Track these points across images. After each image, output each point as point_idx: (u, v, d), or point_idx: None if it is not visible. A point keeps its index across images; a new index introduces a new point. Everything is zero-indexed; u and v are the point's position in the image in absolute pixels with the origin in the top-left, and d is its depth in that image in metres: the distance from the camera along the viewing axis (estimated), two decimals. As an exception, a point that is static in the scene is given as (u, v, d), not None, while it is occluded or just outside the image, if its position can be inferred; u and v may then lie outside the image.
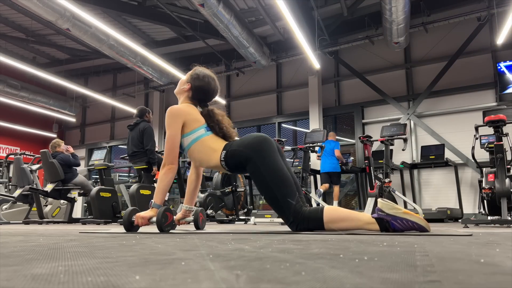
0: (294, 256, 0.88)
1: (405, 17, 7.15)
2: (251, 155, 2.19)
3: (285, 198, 2.14)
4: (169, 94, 12.32)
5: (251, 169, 2.20)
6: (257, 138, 2.27)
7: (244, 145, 2.23)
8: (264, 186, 2.18)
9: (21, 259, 0.83)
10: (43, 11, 7.02)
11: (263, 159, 2.18)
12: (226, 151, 2.26)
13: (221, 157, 2.27)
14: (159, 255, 0.89)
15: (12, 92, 11.08)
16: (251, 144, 2.22)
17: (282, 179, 2.17)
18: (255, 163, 2.18)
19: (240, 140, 2.30)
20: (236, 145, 2.26)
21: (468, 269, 0.67)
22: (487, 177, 3.99)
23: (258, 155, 2.18)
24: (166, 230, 2.18)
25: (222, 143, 2.34)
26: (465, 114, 8.22)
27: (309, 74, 9.71)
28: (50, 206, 7.17)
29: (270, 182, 2.15)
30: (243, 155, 2.21)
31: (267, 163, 2.17)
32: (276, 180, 2.15)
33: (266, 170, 2.16)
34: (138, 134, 5.53)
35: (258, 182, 2.20)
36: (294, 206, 2.13)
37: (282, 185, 2.16)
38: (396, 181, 7.52)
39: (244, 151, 2.21)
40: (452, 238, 1.51)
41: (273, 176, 2.15)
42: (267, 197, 2.21)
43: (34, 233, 2.19)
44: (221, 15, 7.14)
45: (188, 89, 2.50)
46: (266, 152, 2.20)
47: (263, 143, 2.23)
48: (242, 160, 2.22)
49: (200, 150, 2.33)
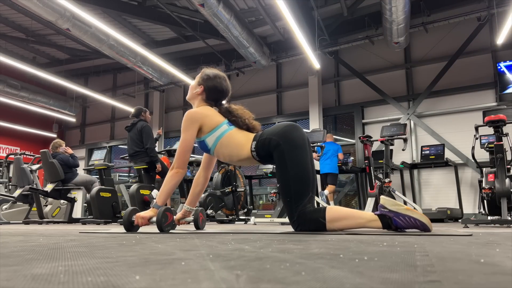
0: (294, 256, 0.88)
1: (405, 17, 7.14)
2: (279, 143, 2.18)
3: (298, 194, 2.14)
4: (169, 94, 12.32)
5: (276, 156, 2.20)
6: (288, 126, 2.27)
7: (275, 133, 2.23)
8: (283, 176, 2.18)
9: (21, 259, 0.83)
10: (43, 11, 7.02)
11: (291, 149, 2.18)
12: (257, 141, 2.26)
13: (251, 147, 2.26)
14: (159, 255, 0.89)
15: (12, 92, 11.08)
16: (282, 132, 2.22)
17: (302, 175, 2.17)
18: (282, 151, 2.17)
19: (271, 129, 2.29)
20: (266, 134, 2.26)
21: (468, 269, 0.67)
22: (487, 177, 3.99)
23: (287, 144, 2.18)
24: (166, 230, 2.18)
25: (250, 135, 2.34)
26: (465, 114, 8.21)
27: (309, 74, 9.71)
28: (50, 206, 7.17)
29: (290, 174, 2.15)
30: (273, 143, 2.20)
31: (293, 155, 2.17)
32: (296, 174, 2.15)
33: (290, 161, 2.16)
34: (136, 134, 5.54)
35: (279, 170, 2.20)
36: (302, 205, 2.13)
37: (300, 180, 2.16)
38: (396, 181, 7.52)
39: (274, 139, 2.20)
40: (452, 238, 1.51)
41: (295, 169, 2.16)
42: (281, 187, 2.21)
43: (34, 233, 2.19)
44: (221, 15, 7.14)
45: (201, 91, 2.47)
46: (295, 142, 2.20)
47: (293, 132, 2.23)
48: (271, 148, 2.21)
49: (228, 145, 2.31)
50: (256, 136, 2.31)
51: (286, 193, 2.17)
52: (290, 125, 2.28)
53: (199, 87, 2.48)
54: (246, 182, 7.57)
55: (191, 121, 2.30)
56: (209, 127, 2.31)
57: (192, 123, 2.30)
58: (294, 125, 2.30)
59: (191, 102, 2.55)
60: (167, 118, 12.30)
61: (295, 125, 2.30)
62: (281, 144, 2.18)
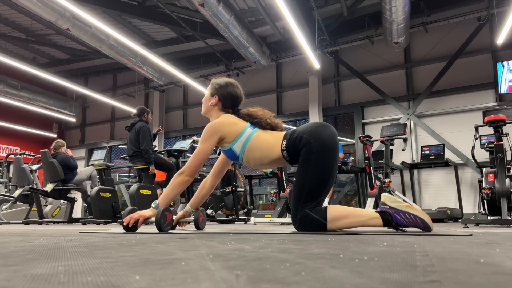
0: (294, 256, 0.88)
1: (405, 17, 7.15)
2: (310, 141, 2.14)
3: (310, 196, 2.12)
4: (169, 94, 12.32)
5: (304, 153, 2.15)
6: (320, 125, 2.24)
7: (307, 131, 2.18)
8: (303, 174, 2.15)
9: (21, 259, 0.83)
10: (43, 11, 7.02)
11: (320, 149, 2.14)
12: (287, 140, 2.22)
13: (282, 146, 2.22)
14: (159, 255, 0.89)
15: (12, 92, 11.08)
16: (314, 131, 2.18)
17: (323, 178, 2.14)
18: (311, 149, 2.13)
19: (302, 127, 2.25)
20: (297, 132, 2.22)
21: (468, 269, 0.67)
22: (487, 177, 3.99)
23: (317, 144, 2.14)
24: (166, 230, 2.18)
25: (277, 134, 2.30)
26: (465, 114, 8.21)
27: (309, 74, 9.71)
28: (50, 206, 7.17)
29: (310, 174, 2.12)
30: (304, 141, 2.16)
31: (321, 156, 2.14)
32: (317, 176, 2.13)
33: (316, 162, 2.13)
34: (135, 134, 5.54)
35: (301, 167, 2.17)
36: (309, 207, 2.11)
37: (318, 183, 2.13)
38: (396, 181, 7.52)
39: (305, 137, 2.16)
40: (452, 238, 1.51)
41: (318, 170, 2.13)
42: (296, 184, 2.18)
43: (34, 233, 2.19)
44: (221, 15, 7.14)
45: (217, 101, 2.41)
46: (326, 143, 2.16)
47: (325, 131, 2.20)
48: (302, 145, 2.17)
49: (257, 147, 2.25)
50: (286, 134, 2.27)
51: (299, 192, 2.15)
52: (322, 124, 2.26)
53: (213, 98, 2.42)
54: (246, 182, 7.56)
55: (211, 132, 2.25)
56: (233, 135, 2.26)
57: (212, 134, 2.24)
58: (326, 124, 2.27)
59: (208, 116, 2.47)
60: (167, 118, 12.31)
61: (327, 124, 2.28)
62: (312, 143, 2.14)
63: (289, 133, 2.25)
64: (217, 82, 2.47)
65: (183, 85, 11.77)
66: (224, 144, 2.30)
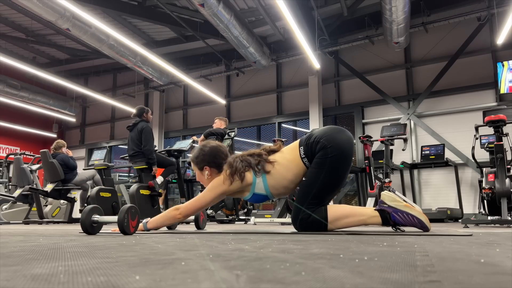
0: (294, 256, 0.88)
1: (405, 17, 7.14)
2: (327, 146, 2.12)
3: (316, 199, 2.11)
4: (169, 94, 12.32)
5: (319, 156, 2.12)
6: (339, 131, 2.21)
7: (325, 137, 2.15)
8: (313, 177, 2.13)
9: (21, 259, 0.83)
10: (43, 11, 7.01)
11: (336, 154, 2.11)
12: (304, 145, 2.19)
13: (301, 155, 2.18)
14: (159, 255, 0.89)
15: (12, 92, 11.08)
16: (332, 136, 2.15)
17: (334, 183, 2.14)
18: (327, 154, 2.11)
19: (321, 131, 2.22)
20: (315, 136, 2.18)
21: (468, 269, 0.67)
22: (487, 177, 3.99)
23: (334, 148, 2.12)
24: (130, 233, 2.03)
25: (290, 147, 2.28)
26: (465, 114, 8.21)
27: (309, 74, 9.71)
28: (50, 206, 7.17)
29: (321, 178, 2.10)
30: (321, 145, 2.13)
31: (336, 161, 2.12)
32: (328, 181, 2.11)
33: (330, 166, 2.11)
34: (137, 134, 5.53)
35: (313, 170, 2.14)
36: (312, 209, 2.10)
37: (327, 188, 2.12)
38: (396, 181, 7.52)
39: (322, 142, 2.13)
40: (452, 238, 1.51)
41: (330, 176, 2.11)
42: (304, 185, 2.16)
43: (34, 233, 2.19)
44: (221, 15, 7.14)
45: (210, 171, 2.30)
46: (342, 149, 2.14)
47: (341, 136, 2.18)
48: (318, 149, 2.14)
49: (280, 175, 2.17)
50: (301, 141, 2.24)
51: (306, 193, 2.13)
52: (339, 129, 2.24)
53: (205, 169, 2.31)
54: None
55: (219, 190, 2.17)
56: (247, 185, 2.17)
57: (220, 192, 2.18)
58: (343, 129, 2.25)
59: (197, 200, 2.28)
60: (167, 118, 12.31)
61: (344, 130, 2.26)
62: (328, 148, 2.11)
63: (305, 139, 2.22)
64: (195, 156, 2.35)
65: (183, 85, 11.77)
66: (245, 194, 2.23)
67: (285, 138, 7.73)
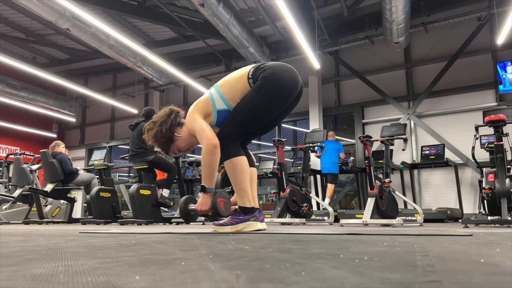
0: (294, 256, 0.88)
1: (405, 17, 7.14)
2: (269, 78, 2.23)
3: (239, 127, 2.23)
4: (169, 94, 12.32)
5: (259, 82, 2.24)
6: (286, 72, 2.31)
7: (273, 69, 2.27)
8: (247, 100, 2.25)
9: (21, 259, 0.83)
10: (43, 11, 7.01)
11: (273, 88, 2.23)
12: (254, 68, 2.32)
13: (249, 74, 2.31)
14: (159, 255, 0.89)
15: (12, 92, 11.08)
16: (278, 72, 2.27)
17: (260, 114, 2.26)
18: (266, 83, 2.22)
19: (274, 64, 2.34)
20: (265, 65, 2.31)
21: (468, 269, 0.67)
22: (487, 177, 3.99)
23: (274, 83, 2.24)
24: (225, 214, 2.19)
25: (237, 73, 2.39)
26: (465, 114, 8.21)
27: (309, 74, 9.71)
28: (50, 206, 7.17)
29: (253, 104, 2.22)
30: (265, 74, 2.25)
31: (270, 93, 2.23)
32: (256, 110, 2.23)
33: (263, 96, 2.22)
34: (138, 134, 5.53)
35: (251, 93, 2.25)
36: (234, 134, 2.23)
37: (252, 118, 2.24)
38: (396, 181, 7.52)
39: (267, 72, 2.25)
40: (452, 238, 1.51)
41: (260, 105, 2.23)
42: (237, 106, 2.27)
43: (34, 233, 2.19)
44: (221, 15, 7.14)
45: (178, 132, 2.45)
46: (281, 86, 2.26)
47: (288, 78, 2.29)
48: (262, 77, 2.25)
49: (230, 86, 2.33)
50: (254, 65, 2.36)
51: (232, 116, 2.25)
52: (288, 70, 2.34)
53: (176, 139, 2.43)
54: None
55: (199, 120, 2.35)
56: (208, 104, 2.36)
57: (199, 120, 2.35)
58: (292, 71, 2.35)
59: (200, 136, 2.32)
60: (167, 118, 12.29)
61: (293, 71, 2.36)
62: (270, 79, 2.22)
63: (258, 64, 2.36)
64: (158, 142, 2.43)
65: (183, 85, 11.77)
66: (212, 117, 2.34)
67: (285, 138, 7.73)
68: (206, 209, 2.19)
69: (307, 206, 5.03)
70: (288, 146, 8.68)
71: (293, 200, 5.04)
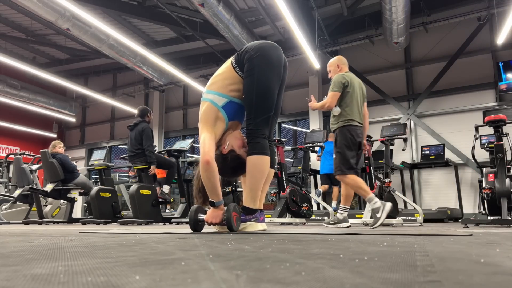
0: (294, 256, 0.88)
1: (405, 17, 7.14)
2: (253, 56, 2.28)
3: (259, 107, 2.27)
4: (169, 94, 12.32)
5: (247, 68, 2.29)
6: (267, 43, 2.38)
7: (254, 48, 2.32)
8: (247, 87, 2.28)
9: (21, 259, 0.83)
10: (43, 11, 7.01)
11: (263, 65, 2.27)
12: (235, 56, 2.38)
13: (233, 64, 2.38)
14: (159, 255, 0.89)
15: (12, 92, 11.08)
16: (259, 47, 2.32)
17: (267, 91, 2.28)
18: (253, 64, 2.27)
19: (253, 43, 2.39)
20: (245, 47, 2.37)
21: (468, 269, 0.67)
22: (487, 177, 3.99)
23: (260, 58, 2.28)
24: (235, 229, 2.17)
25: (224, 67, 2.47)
26: (465, 114, 8.21)
27: (309, 74, 9.70)
28: (50, 206, 7.17)
29: (255, 86, 2.25)
30: (248, 55, 2.30)
31: (261, 71, 2.26)
32: (260, 90, 2.25)
33: (258, 75, 2.25)
34: (137, 135, 5.53)
35: (246, 80, 2.29)
36: (258, 124, 2.27)
37: (263, 95, 2.26)
38: (396, 181, 7.52)
39: (250, 53, 2.31)
40: (452, 238, 1.51)
41: (260, 84, 2.26)
42: (244, 97, 2.30)
43: (34, 233, 2.19)
44: (221, 15, 7.14)
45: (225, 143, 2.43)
46: (270, 60, 2.30)
47: (271, 49, 2.34)
48: (245, 60, 2.30)
49: (221, 84, 2.38)
50: (235, 54, 2.41)
51: (249, 104, 2.28)
52: (269, 43, 2.39)
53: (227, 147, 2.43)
54: (246, 182, 7.54)
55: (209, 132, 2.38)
56: (215, 110, 2.37)
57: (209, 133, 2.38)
58: (274, 44, 2.40)
59: (205, 125, 2.39)
60: (167, 118, 12.30)
61: (275, 44, 2.40)
62: (254, 57, 2.27)
63: (238, 51, 2.41)
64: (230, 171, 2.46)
65: (183, 85, 11.76)
66: (221, 116, 2.36)
67: (285, 138, 7.73)
68: (217, 222, 2.19)
69: (307, 206, 5.03)
70: (288, 146, 8.68)
71: (293, 200, 5.05)
